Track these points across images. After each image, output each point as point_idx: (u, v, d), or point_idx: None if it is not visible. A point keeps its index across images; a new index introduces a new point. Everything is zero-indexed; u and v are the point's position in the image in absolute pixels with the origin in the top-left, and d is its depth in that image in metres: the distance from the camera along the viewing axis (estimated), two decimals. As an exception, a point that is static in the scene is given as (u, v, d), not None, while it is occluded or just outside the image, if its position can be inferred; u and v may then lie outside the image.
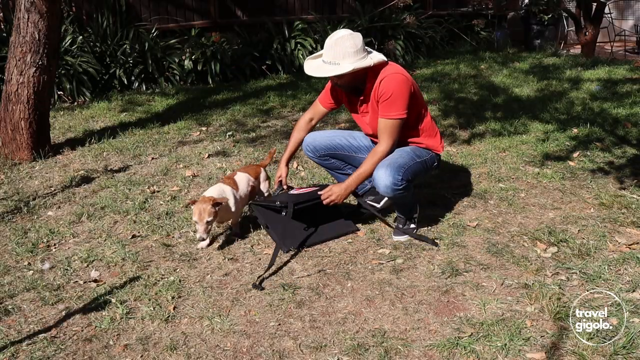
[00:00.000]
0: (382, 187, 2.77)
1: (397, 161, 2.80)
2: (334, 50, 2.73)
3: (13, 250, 2.93)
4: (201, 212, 2.69)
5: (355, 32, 2.78)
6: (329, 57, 2.76)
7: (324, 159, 3.16)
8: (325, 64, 2.77)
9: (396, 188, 2.75)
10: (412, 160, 2.85)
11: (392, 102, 2.74)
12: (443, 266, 2.71)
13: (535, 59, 7.64)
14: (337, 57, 2.72)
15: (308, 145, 3.16)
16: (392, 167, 2.76)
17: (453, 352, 2.11)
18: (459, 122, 4.97)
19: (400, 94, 2.75)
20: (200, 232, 2.71)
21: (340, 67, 2.72)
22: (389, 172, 2.74)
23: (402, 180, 2.76)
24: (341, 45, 2.71)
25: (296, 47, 7.22)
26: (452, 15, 8.80)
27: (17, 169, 4.06)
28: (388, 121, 2.77)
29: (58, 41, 4.23)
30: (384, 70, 2.79)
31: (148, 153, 4.37)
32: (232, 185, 2.94)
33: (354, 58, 2.71)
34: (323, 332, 2.26)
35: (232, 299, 2.49)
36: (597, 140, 4.35)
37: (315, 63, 2.86)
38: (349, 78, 2.80)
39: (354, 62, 2.71)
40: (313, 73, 2.84)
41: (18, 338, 2.23)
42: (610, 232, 2.97)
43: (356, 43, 2.73)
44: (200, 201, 2.72)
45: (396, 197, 2.84)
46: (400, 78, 2.77)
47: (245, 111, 5.52)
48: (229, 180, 2.98)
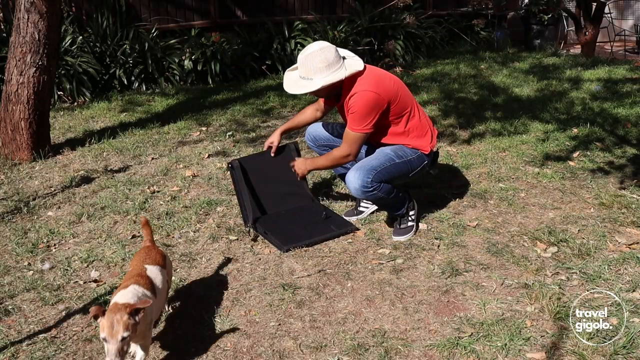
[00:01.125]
0: (352, 189, 2.85)
1: (370, 164, 2.85)
2: (306, 66, 2.78)
3: (13, 250, 2.93)
4: (113, 325, 1.80)
5: (327, 45, 2.80)
6: (302, 73, 2.82)
7: (323, 148, 3.21)
8: (300, 79, 2.84)
9: (366, 190, 2.81)
10: (390, 162, 2.87)
11: (357, 118, 2.79)
12: (443, 266, 2.71)
13: (535, 59, 7.64)
14: (309, 73, 2.78)
15: (310, 134, 3.24)
16: (362, 170, 2.82)
17: (453, 352, 2.11)
18: (459, 122, 4.97)
19: (365, 112, 2.78)
20: (111, 355, 1.78)
21: (312, 84, 2.78)
22: (358, 175, 2.80)
23: (373, 182, 2.80)
24: (312, 61, 2.76)
25: (296, 47, 7.22)
26: (452, 15, 8.80)
27: (17, 169, 4.06)
28: (350, 132, 2.84)
29: (58, 41, 4.23)
30: (358, 82, 2.80)
31: (148, 153, 4.37)
32: (147, 286, 2.06)
33: (325, 72, 2.76)
34: (323, 332, 2.26)
35: (232, 299, 2.49)
36: (597, 140, 4.35)
37: (293, 76, 2.92)
38: (324, 91, 2.86)
39: (325, 77, 2.75)
40: (289, 89, 2.90)
41: (18, 338, 2.23)
42: (610, 232, 2.98)
43: (327, 57, 2.75)
44: (111, 310, 1.85)
45: (369, 198, 2.91)
46: (369, 96, 2.77)
47: (245, 111, 5.52)
48: (142, 278, 2.08)
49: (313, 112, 3.25)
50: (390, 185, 2.89)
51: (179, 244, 2.99)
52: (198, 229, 3.14)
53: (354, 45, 7.43)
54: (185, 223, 3.20)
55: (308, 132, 3.27)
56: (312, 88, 2.77)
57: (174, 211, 3.36)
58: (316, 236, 2.97)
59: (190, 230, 3.12)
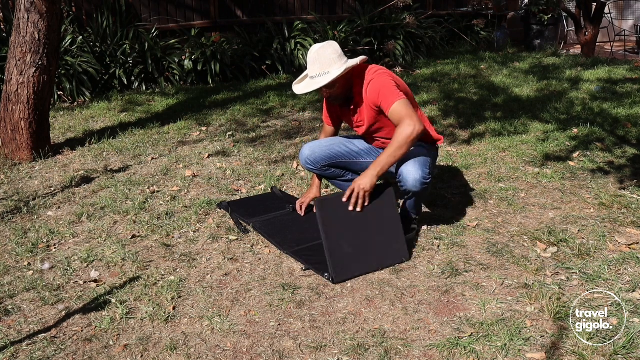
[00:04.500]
0: (412, 181, 2.73)
1: (419, 157, 2.80)
2: (320, 61, 2.74)
3: (13, 250, 2.93)
4: None
5: (329, 41, 2.83)
6: (316, 70, 2.76)
7: (324, 169, 3.12)
8: (315, 78, 2.77)
9: (424, 182, 2.75)
10: (428, 154, 2.87)
11: (388, 92, 2.73)
12: (443, 266, 2.71)
13: (535, 59, 7.64)
14: (325, 66, 2.73)
15: (307, 158, 3.08)
16: (418, 162, 2.76)
17: (453, 352, 2.11)
18: (459, 122, 4.97)
19: (391, 84, 2.75)
20: None
21: (331, 74, 2.72)
22: (418, 167, 2.73)
23: (430, 174, 2.77)
24: (324, 55, 2.73)
25: (296, 47, 7.23)
26: (452, 16, 8.80)
27: (17, 169, 4.06)
28: (396, 106, 2.67)
29: (58, 41, 4.23)
30: (368, 72, 2.80)
31: (148, 153, 4.37)
32: None
33: (340, 63, 2.74)
34: (323, 332, 2.26)
35: (232, 299, 2.49)
36: (597, 140, 4.35)
37: (304, 82, 2.87)
38: (340, 87, 2.80)
39: (340, 67, 2.72)
40: (305, 90, 2.82)
41: (18, 338, 2.23)
42: (610, 232, 2.98)
43: (336, 49, 2.76)
44: None
45: (421, 191, 2.79)
46: (382, 72, 2.80)
47: (245, 111, 5.52)
48: None
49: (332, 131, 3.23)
50: None
51: (179, 244, 2.99)
52: (198, 229, 3.14)
53: (354, 45, 7.43)
54: (185, 223, 3.20)
55: (305, 157, 3.07)
56: (333, 76, 2.70)
57: (174, 211, 3.36)
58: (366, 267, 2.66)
59: (190, 230, 3.12)
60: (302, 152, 3.12)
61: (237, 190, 3.67)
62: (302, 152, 3.12)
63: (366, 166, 3.12)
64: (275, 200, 3.42)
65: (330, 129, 3.20)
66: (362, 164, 3.13)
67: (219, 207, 3.37)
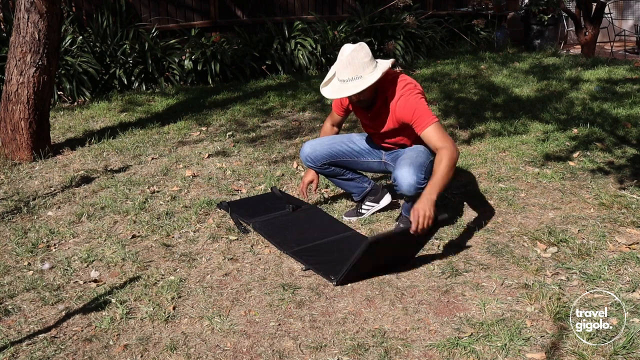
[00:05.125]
0: (406, 185, 2.73)
1: (416, 160, 2.79)
2: (353, 65, 2.67)
3: (13, 250, 2.93)
4: None
5: (360, 42, 2.77)
6: (348, 74, 2.69)
7: (324, 167, 3.13)
8: (346, 82, 2.70)
9: (419, 187, 2.73)
10: (428, 159, 2.85)
11: (422, 112, 2.71)
12: (443, 266, 2.71)
13: (535, 59, 7.64)
14: (358, 71, 2.67)
15: (308, 156, 3.10)
16: (414, 166, 2.75)
17: (453, 352, 2.11)
18: (459, 122, 4.97)
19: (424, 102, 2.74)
20: None
21: (365, 80, 2.67)
22: (413, 171, 2.73)
23: (425, 179, 2.75)
24: (357, 58, 2.67)
25: (296, 47, 7.22)
26: (452, 16, 8.80)
27: (17, 169, 4.06)
28: (431, 129, 2.68)
29: (58, 41, 4.23)
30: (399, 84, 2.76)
31: (148, 153, 4.37)
32: None
33: (371, 67, 2.69)
34: (323, 332, 2.26)
35: (232, 299, 2.49)
36: (597, 140, 4.35)
37: (334, 85, 2.78)
38: (370, 92, 2.75)
39: (372, 72, 2.68)
40: (337, 95, 2.76)
41: (18, 338, 2.23)
42: (610, 232, 2.98)
43: (367, 52, 2.70)
44: None
45: (416, 195, 2.77)
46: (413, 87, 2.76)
47: (245, 111, 5.52)
48: None
49: (331, 129, 3.23)
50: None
51: (179, 244, 2.99)
52: (198, 229, 3.14)
53: (354, 45, 7.43)
54: (185, 223, 3.20)
55: (305, 154, 3.10)
56: (368, 82, 2.66)
57: (174, 211, 3.36)
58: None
59: (190, 230, 3.12)
60: (302, 149, 3.13)
61: (237, 190, 3.67)
62: (302, 150, 3.13)
63: (366, 166, 3.14)
64: (275, 201, 3.42)
65: (338, 118, 3.19)
66: (362, 164, 3.13)
67: (219, 207, 3.37)
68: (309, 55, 7.18)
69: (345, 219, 3.21)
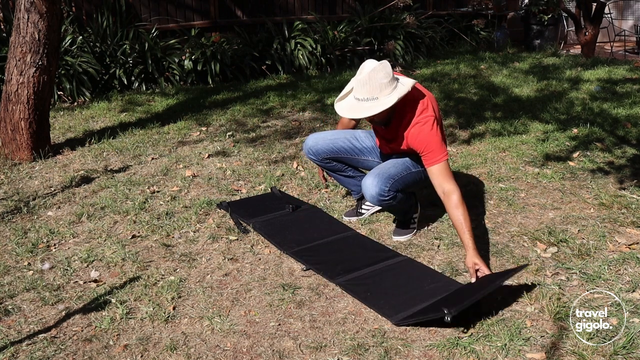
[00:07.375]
0: (369, 196, 2.78)
1: (387, 171, 2.79)
2: (370, 84, 2.58)
3: (13, 250, 2.93)
4: None
5: (381, 62, 2.65)
6: (364, 94, 2.60)
7: (325, 161, 3.13)
8: (361, 102, 2.63)
9: (382, 199, 2.75)
10: (406, 171, 2.83)
11: (435, 147, 2.65)
12: (443, 266, 2.71)
13: (535, 59, 7.64)
14: (375, 92, 2.59)
15: (310, 148, 3.10)
16: (380, 177, 2.75)
17: (453, 352, 2.11)
18: (459, 122, 4.97)
19: (438, 137, 2.66)
20: None
21: (381, 102, 2.57)
22: (376, 182, 2.73)
23: (389, 191, 2.75)
24: (375, 79, 2.58)
25: (296, 47, 7.22)
26: (452, 16, 8.80)
27: (17, 169, 4.06)
28: (439, 166, 2.64)
29: (58, 41, 4.23)
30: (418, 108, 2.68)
31: (148, 153, 4.37)
32: None
33: (389, 88, 2.59)
34: (323, 332, 2.26)
35: (232, 299, 2.49)
36: (597, 140, 4.35)
37: (349, 103, 2.70)
38: (385, 113, 2.67)
39: (390, 93, 2.59)
40: (350, 115, 2.70)
41: (18, 338, 2.23)
42: (610, 232, 2.98)
43: (388, 72, 2.60)
44: None
45: (384, 206, 2.85)
46: (431, 118, 2.67)
47: (245, 111, 5.52)
48: None
49: (348, 121, 3.17)
50: (404, 194, 2.86)
51: (179, 244, 2.99)
52: (198, 229, 3.14)
53: (354, 46, 7.44)
54: (185, 223, 3.20)
55: (308, 147, 3.11)
56: (384, 106, 2.57)
57: (174, 211, 3.36)
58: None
59: (190, 230, 3.12)
60: (306, 141, 3.15)
61: (237, 190, 3.67)
62: (306, 142, 3.15)
63: (367, 164, 3.13)
64: (275, 201, 3.42)
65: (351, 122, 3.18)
66: (363, 162, 3.13)
67: (219, 207, 3.37)
68: (309, 55, 7.18)
69: (345, 219, 3.22)
